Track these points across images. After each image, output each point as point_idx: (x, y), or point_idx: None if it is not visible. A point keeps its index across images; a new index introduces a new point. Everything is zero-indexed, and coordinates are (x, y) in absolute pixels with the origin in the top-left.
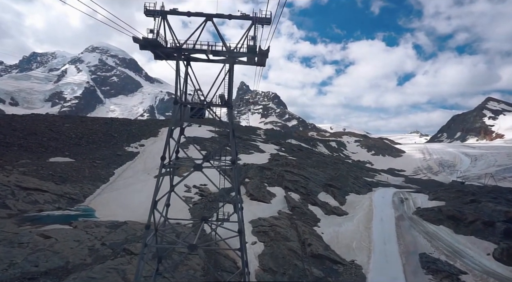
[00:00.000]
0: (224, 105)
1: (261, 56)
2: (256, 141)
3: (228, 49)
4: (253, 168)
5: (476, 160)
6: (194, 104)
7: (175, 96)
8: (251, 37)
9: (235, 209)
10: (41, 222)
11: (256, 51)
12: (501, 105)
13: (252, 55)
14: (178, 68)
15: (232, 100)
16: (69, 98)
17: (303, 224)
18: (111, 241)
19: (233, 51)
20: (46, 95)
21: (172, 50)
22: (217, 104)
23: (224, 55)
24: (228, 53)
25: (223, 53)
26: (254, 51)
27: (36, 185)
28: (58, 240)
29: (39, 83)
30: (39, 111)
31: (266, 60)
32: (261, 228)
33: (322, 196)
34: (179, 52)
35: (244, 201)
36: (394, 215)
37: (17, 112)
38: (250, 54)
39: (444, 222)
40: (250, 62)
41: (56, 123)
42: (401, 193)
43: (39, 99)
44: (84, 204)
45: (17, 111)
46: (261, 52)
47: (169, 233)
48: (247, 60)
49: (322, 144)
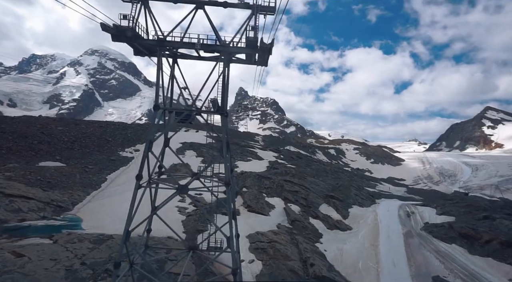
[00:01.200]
0: (217, 111)
1: (263, 52)
2: (254, 148)
3: (222, 43)
4: (251, 177)
5: (477, 170)
6: (180, 110)
7: (155, 99)
8: (250, 28)
9: (229, 242)
10: (20, 234)
11: (257, 46)
12: (500, 115)
13: (252, 51)
14: (159, 66)
15: (226, 107)
16: (67, 101)
17: (304, 240)
18: (93, 260)
19: (229, 46)
20: (45, 97)
21: (153, 43)
22: (209, 111)
23: (217, 51)
24: (223, 48)
25: (216, 48)
26: (255, 45)
27: (21, 192)
28: (32, 258)
29: (38, 85)
30: (37, 113)
31: (269, 58)
32: (259, 244)
33: (323, 208)
34: (161, 45)
35: (242, 212)
36: (402, 231)
37: (15, 114)
38: (249, 49)
39: (457, 240)
40: (249, 61)
41: (48, 126)
42: (406, 206)
43: (37, 101)
44: (72, 212)
45: (15, 113)
46: (263, 47)
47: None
48: (246, 57)
49: (321, 151)
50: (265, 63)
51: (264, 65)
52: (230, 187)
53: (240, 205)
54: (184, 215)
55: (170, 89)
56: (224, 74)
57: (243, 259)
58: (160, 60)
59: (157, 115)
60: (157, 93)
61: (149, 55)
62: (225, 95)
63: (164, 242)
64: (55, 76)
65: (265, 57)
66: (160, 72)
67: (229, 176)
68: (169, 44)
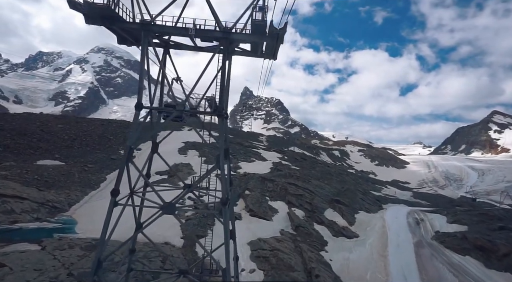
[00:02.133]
0: (213, 112)
1: (272, 40)
2: (258, 148)
3: (222, 29)
4: (254, 179)
5: (483, 175)
6: (169, 110)
7: (138, 96)
8: (258, 9)
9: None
10: (9, 237)
11: (265, 32)
12: (507, 119)
13: (259, 39)
14: (143, 54)
15: (226, 107)
16: (72, 98)
17: (308, 248)
18: (81, 270)
19: (230, 32)
20: (50, 94)
21: (136, 27)
22: (204, 111)
23: (217, 39)
24: (223, 35)
25: (215, 35)
26: (263, 31)
27: (15, 192)
28: (14, 269)
29: (44, 82)
30: (42, 110)
31: (279, 49)
32: (261, 252)
33: (329, 214)
34: (147, 30)
35: (243, 217)
36: (412, 241)
37: (20, 111)
38: (256, 36)
39: (471, 252)
40: (255, 52)
41: (48, 124)
42: (415, 213)
43: (42, 98)
44: (68, 213)
45: (20, 110)
46: (272, 33)
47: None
48: (251, 48)
49: (325, 152)
50: (273, 56)
51: (273, 59)
52: (227, 207)
53: (242, 208)
54: (183, 219)
55: (160, 86)
56: (224, 68)
57: (244, 268)
58: (144, 47)
59: (140, 116)
60: (141, 89)
61: (136, 44)
62: (224, 93)
63: (160, 248)
64: (61, 73)
65: (274, 48)
66: (144, 63)
67: (227, 192)
68: (156, 29)
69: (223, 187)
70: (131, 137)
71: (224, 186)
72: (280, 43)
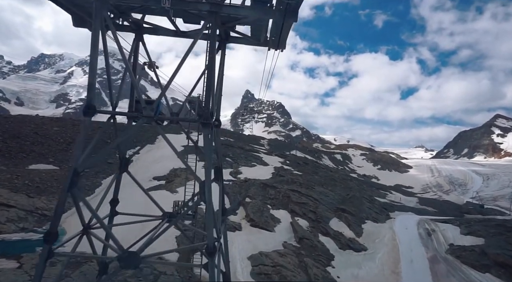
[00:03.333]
0: (198, 119)
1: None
2: (259, 152)
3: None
4: (255, 185)
5: (488, 179)
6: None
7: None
8: None
9: None
10: None
11: (272, 3)
12: (510, 123)
13: (264, 14)
14: (96, 36)
15: (219, 112)
16: (74, 100)
17: (314, 263)
18: None
19: (222, 4)
20: (52, 96)
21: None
22: (186, 119)
23: (203, 17)
24: (211, 7)
25: (200, 9)
26: (267, 1)
27: (2, 199)
28: None
29: (45, 84)
30: (43, 112)
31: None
32: (263, 268)
33: (334, 224)
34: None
35: (244, 227)
36: (426, 256)
37: (22, 113)
38: (258, 11)
39: (492, 269)
40: (257, 38)
41: (44, 126)
42: (425, 223)
43: (44, 100)
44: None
45: (22, 112)
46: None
47: None
48: (252, 31)
49: (327, 156)
50: (281, 44)
51: (280, 48)
52: (214, 258)
53: (242, 217)
54: (178, 231)
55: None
56: (213, 58)
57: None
58: (98, 28)
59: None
60: (91, 85)
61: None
62: (213, 93)
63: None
64: (63, 75)
65: (283, 31)
66: (98, 48)
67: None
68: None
69: (209, 230)
70: (76, 156)
71: (211, 229)
72: (293, 21)
